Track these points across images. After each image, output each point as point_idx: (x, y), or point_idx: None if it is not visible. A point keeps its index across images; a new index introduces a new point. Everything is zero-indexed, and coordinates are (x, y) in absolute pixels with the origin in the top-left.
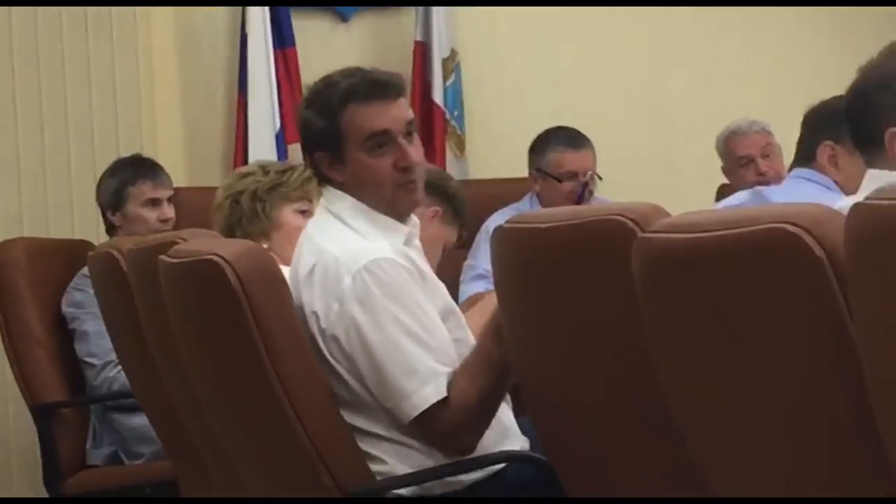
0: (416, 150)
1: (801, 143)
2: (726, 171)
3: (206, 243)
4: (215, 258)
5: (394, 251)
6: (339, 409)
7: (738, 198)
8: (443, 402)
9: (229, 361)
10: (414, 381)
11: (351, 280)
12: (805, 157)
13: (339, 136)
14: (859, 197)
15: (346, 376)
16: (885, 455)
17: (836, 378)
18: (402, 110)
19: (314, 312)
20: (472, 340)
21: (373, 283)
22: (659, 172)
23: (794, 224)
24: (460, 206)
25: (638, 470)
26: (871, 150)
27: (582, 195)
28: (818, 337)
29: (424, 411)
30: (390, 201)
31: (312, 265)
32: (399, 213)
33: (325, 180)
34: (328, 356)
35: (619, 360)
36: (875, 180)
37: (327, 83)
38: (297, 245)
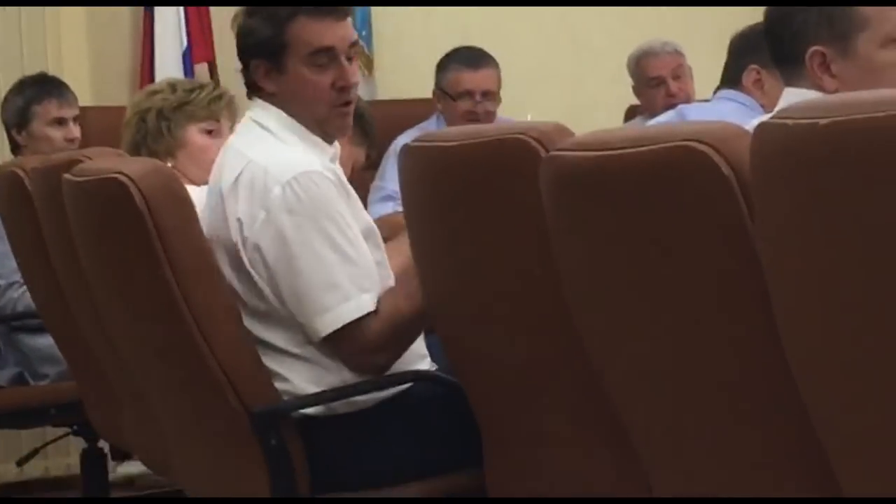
0: (354, 73)
1: (727, 66)
2: (637, 91)
3: (110, 161)
4: (120, 177)
5: (322, 166)
6: (245, 329)
7: (660, 118)
8: (365, 320)
9: (134, 282)
10: (335, 296)
11: (280, 190)
12: (731, 79)
13: (283, 45)
14: None
15: (264, 288)
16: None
17: (744, 296)
18: (348, 31)
19: (238, 220)
20: (388, 262)
21: (303, 195)
22: (568, 93)
23: (701, 142)
24: (368, 127)
25: (549, 386)
26: (789, 68)
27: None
28: (725, 254)
29: (343, 327)
30: (323, 120)
31: (238, 174)
32: (328, 134)
33: (255, 91)
34: (247, 265)
35: (527, 278)
36: (791, 98)
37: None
38: (219, 156)
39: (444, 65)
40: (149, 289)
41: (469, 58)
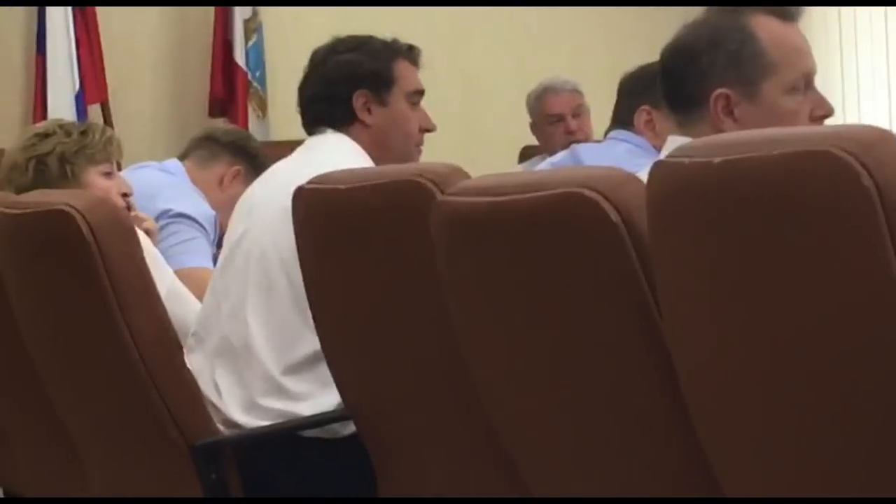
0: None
1: (618, 107)
2: (534, 128)
3: (45, 195)
4: (66, 208)
5: None
6: (185, 363)
7: (555, 159)
8: None
9: (77, 316)
10: None
11: None
12: (622, 120)
13: (392, 80)
14: (662, 157)
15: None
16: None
17: (635, 343)
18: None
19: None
20: None
21: None
22: (461, 134)
23: (590, 189)
24: (261, 167)
25: (445, 434)
26: (687, 109)
27: None
28: (615, 302)
29: None
30: (405, 156)
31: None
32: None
33: (333, 123)
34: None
35: (422, 322)
36: (673, 145)
37: (368, 37)
38: (265, 182)
39: None
40: (92, 322)
41: None
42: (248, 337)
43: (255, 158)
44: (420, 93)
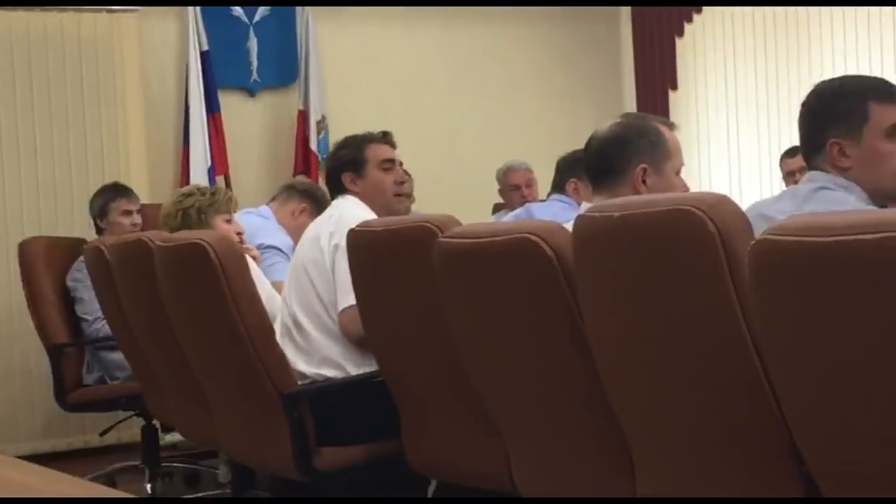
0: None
1: (556, 179)
2: (501, 192)
3: (189, 234)
4: (202, 242)
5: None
6: (275, 340)
7: (515, 213)
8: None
9: (207, 313)
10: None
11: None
12: (559, 187)
13: (364, 160)
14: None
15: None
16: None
17: (566, 345)
18: (396, 154)
19: (335, 246)
20: None
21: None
22: (453, 194)
23: (534, 234)
24: (321, 206)
25: (443, 396)
26: (612, 178)
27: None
28: (553, 320)
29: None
30: (388, 205)
31: (333, 229)
32: (392, 212)
33: (342, 191)
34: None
35: (421, 318)
36: (591, 204)
37: (356, 135)
38: (321, 223)
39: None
40: (218, 318)
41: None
42: (295, 317)
43: (316, 200)
44: (390, 160)
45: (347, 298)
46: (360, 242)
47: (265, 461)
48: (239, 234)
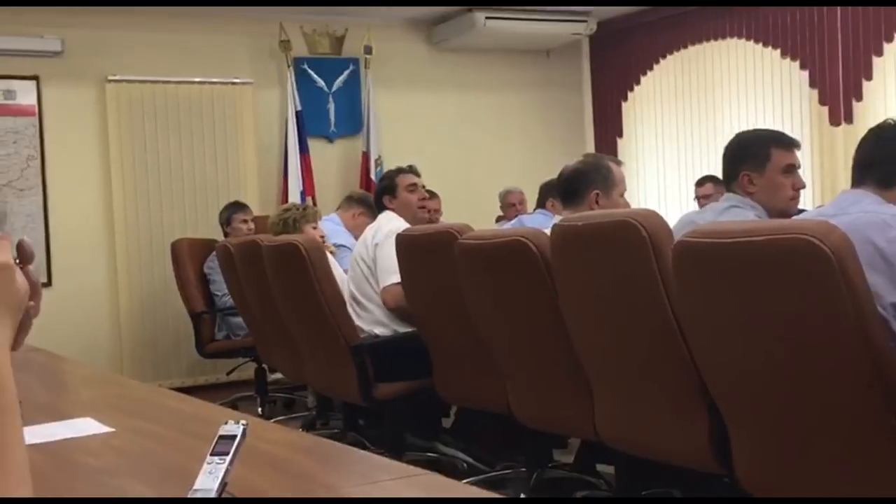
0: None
1: (539, 198)
2: (502, 208)
3: (282, 238)
4: (297, 242)
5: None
6: (347, 310)
7: (512, 223)
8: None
9: (298, 289)
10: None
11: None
12: (541, 204)
13: (395, 186)
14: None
15: (374, 271)
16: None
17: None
18: (419, 180)
19: (376, 244)
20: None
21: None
22: (468, 207)
23: (525, 238)
24: (372, 209)
25: (461, 349)
26: (573, 201)
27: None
28: (539, 300)
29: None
30: (414, 216)
31: (375, 231)
32: (418, 221)
33: (384, 208)
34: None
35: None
36: (561, 216)
37: (387, 171)
38: (369, 229)
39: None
40: (307, 293)
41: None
42: (353, 293)
43: (369, 205)
44: (413, 184)
45: (386, 279)
46: (405, 242)
47: (339, 392)
48: (322, 236)
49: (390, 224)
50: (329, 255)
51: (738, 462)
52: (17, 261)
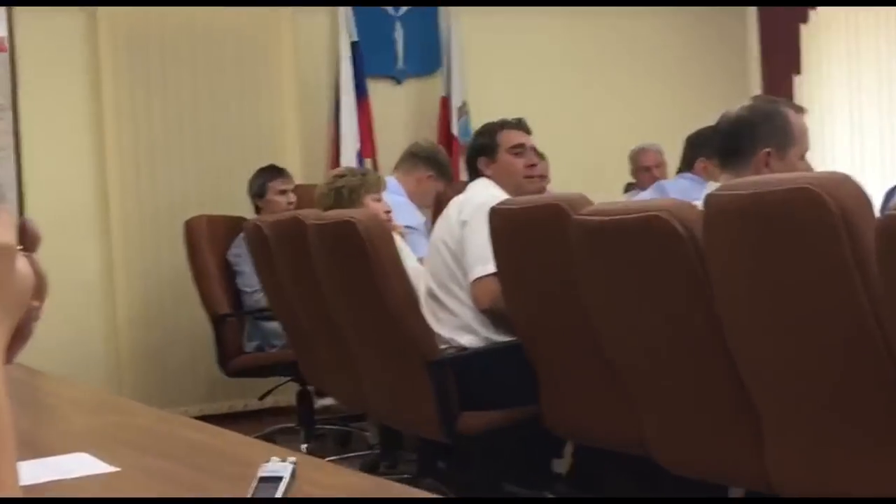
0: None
1: (685, 156)
2: (633, 173)
3: (339, 213)
4: (352, 219)
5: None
6: (421, 312)
7: (648, 192)
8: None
9: (357, 284)
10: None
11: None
12: (688, 165)
13: (496, 145)
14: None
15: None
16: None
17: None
18: (528, 139)
19: (463, 222)
20: None
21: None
22: (587, 175)
23: (666, 213)
24: (445, 171)
25: (575, 365)
26: (735, 161)
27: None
28: (686, 293)
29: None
30: (518, 186)
31: (461, 205)
32: (523, 192)
33: (476, 174)
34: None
35: (554, 291)
36: (720, 183)
37: (493, 122)
38: (454, 203)
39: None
40: (368, 290)
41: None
42: (432, 289)
43: (440, 165)
44: (520, 145)
45: (477, 269)
46: (499, 218)
47: (411, 424)
48: (387, 212)
49: (483, 194)
50: (398, 239)
51: None
52: (20, 246)
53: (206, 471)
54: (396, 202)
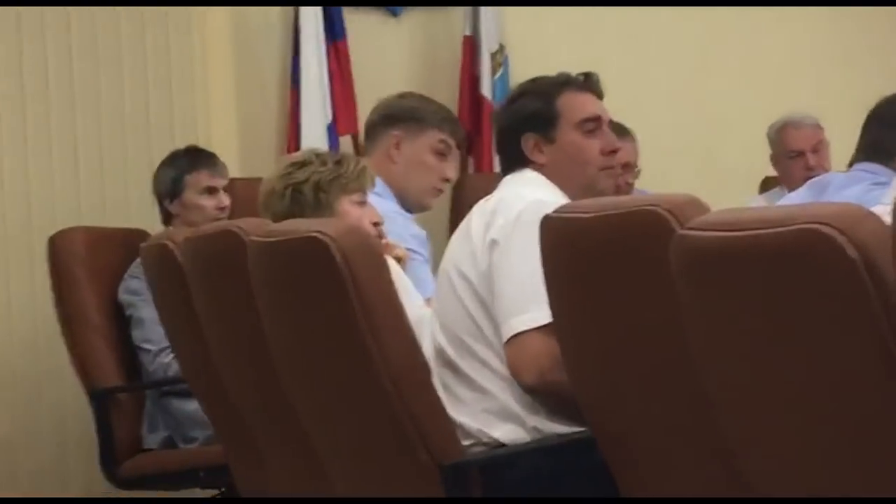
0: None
1: (867, 138)
2: (774, 160)
3: (298, 223)
4: (320, 236)
5: None
6: (433, 386)
7: (802, 192)
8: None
9: (328, 338)
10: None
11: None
12: (874, 149)
13: (555, 116)
14: None
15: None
16: None
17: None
18: (604, 108)
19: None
20: None
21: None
22: (700, 165)
23: (827, 224)
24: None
25: (679, 452)
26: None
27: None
28: (860, 345)
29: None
30: (592, 181)
31: (493, 211)
32: (597, 193)
33: (521, 162)
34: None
35: (658, 347)
36: None
37: (538, 79)
38: (479, 209)
39: None
40: (343, 346)
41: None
42: (442, 349)
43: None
44: (593, 119)
45: (517, 320)
46: (557, 236)
47: None
48: (376, 224)
49: (526, 198)
50: (394, 267)
51: None
52: None
53: None
54: (386, 211)
